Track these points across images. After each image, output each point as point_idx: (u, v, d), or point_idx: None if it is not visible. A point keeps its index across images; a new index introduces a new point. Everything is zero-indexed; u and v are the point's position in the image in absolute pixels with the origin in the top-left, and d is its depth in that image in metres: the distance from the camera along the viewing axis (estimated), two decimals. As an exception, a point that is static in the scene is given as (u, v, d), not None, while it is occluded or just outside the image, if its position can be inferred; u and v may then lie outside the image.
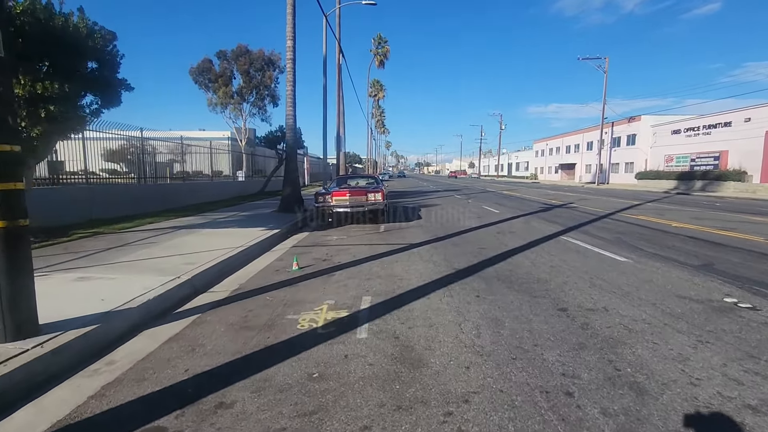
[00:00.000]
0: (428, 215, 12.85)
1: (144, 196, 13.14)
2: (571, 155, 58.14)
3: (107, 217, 10.54)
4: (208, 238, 8.16)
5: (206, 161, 20.12)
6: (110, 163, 14.85)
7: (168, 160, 18.86)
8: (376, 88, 70.67)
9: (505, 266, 5.99)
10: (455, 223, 10.99)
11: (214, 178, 20.62)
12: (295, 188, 13.43)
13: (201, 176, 20.09)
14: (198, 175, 20.42)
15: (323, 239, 8.80)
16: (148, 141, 13.39)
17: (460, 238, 8.57)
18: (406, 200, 19.59)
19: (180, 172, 19.48)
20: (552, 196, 22.58)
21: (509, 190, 29.81)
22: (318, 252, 7.38)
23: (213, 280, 5.59)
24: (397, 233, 9.33)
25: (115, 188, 12.02)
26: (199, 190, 17.03)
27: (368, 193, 10.40)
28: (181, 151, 15.68)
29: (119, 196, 11.81)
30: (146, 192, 13.56)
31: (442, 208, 15.41)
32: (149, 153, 14.98)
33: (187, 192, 15.91)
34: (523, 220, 11.52)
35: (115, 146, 13.58)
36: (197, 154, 19.25)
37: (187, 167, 20.11)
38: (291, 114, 13.20)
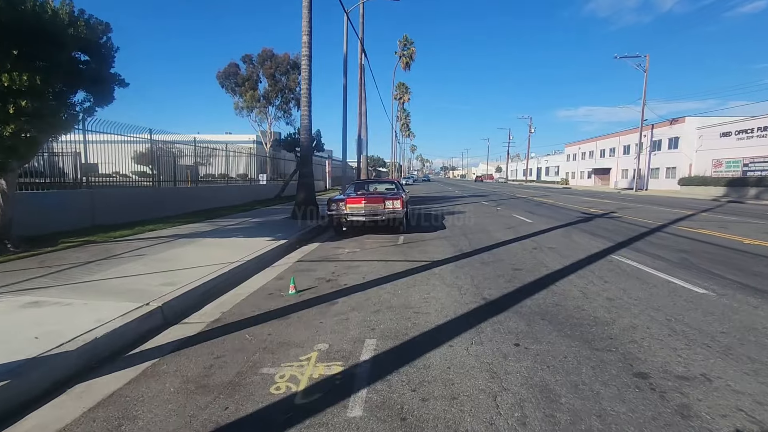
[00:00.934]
0: (453, 225, 11.68)
1: (160, 200, 12.71)
2: (606, 159, 55.21)
3: (113, 222, 9.96)
4: (206, 249, 7.33)
5: (228, 164, 19.72)
6: (140, 166, 14.66)
7: (192, 163, 18.57)
8: (402, 90, 69.76)
9: (548, 297, 4.79)
10: (484, 235, 9.79)
11: (230, 182, 20.14)
12: (309, 193, 12.57)
13: (225, 180, 19.72)
14: (222, 179, 20.09)
15: (333, 252, 7.82)
16: (157, 143, 12.84)
17: (489, 254, 7.39)
18: (430, 206, 18.43)
19: (205, 176, 19.21)
20: (588, 203, 20.86)
21: (540, 196, 28.08)
22: (324, 270, 6.39)
23: (192, 306, 4.67)
24: (418, 246, 8.23)
25: (124, 192, 11.49)
26: (215, 194, 16.50)
27: (386, 201, 9.36)
28: (195, 153, 15.13)
29: (131, 199, 11.27)
30: (163, 195, 13.12)
31: (468, 216, 14.18)
32: (168, 156, 14.57)
33: (202, 196, 15.38)
34: (562, 232, 10.17)
35: (143, 149, 13.38)
36: (219, 158, 18.89)
37: (211, 170, 19.86)
38: (306, 114, 12.36)
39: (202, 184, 17.28)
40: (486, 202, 21.64)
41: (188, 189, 15.13)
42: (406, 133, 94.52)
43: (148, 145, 13.06)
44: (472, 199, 23.95)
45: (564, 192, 36.82)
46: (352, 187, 11.73)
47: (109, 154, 11.16)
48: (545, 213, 15.11)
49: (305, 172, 12.63)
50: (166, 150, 14.35)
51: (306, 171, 12.62)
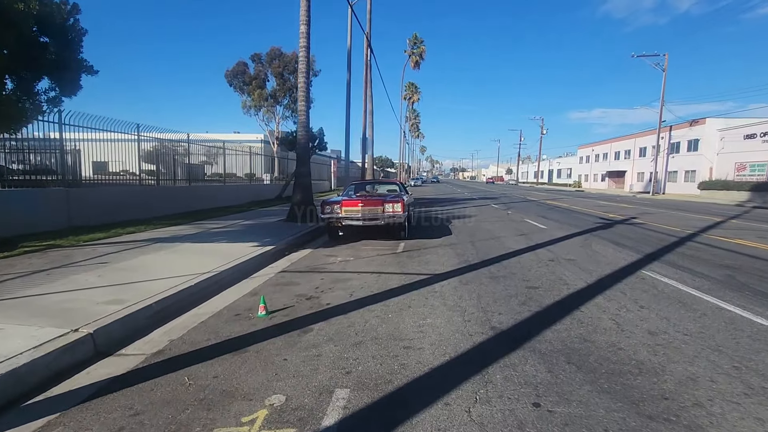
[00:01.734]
0: (460, 230, 10.76)
1: (149, 199, 12.09)
2: (621, 162, 53.58)
3: (93, 224, 9.27)
4: (180, 257, 6.54)
5: (234, 163, 19.14)
6: (149, 164, 14.16)
7: (198, 162, 18.09)
8: (411, 90, 68.84)
9: (572, 327, 3.87)
10: (493, 242, 8.85)
11: (233, 181, 19.46)
12: (306, 194, 11.75)
13: (232, 179, 19.18)
14: (229, 178, 19.55)
15: (324, 261, 6.97)
16: (148, 140, 12.14)
17: (500, 266, 6.47)
18: (437, 209, 17.50)
19: (213, 174, 18.74)
20: (605, 207, 19.72)
21: (553, 199, 26.93)
22: (308, 283, 5.54)
23: (138, 331, 3.86)
24: (419, 256, 7.34)
25: (108, 190, 10.80)
26: (210, 193, 15.81)
27: (385, 204, 8.49)
28: (188, 151, 14.44)
29: (115, 199, 10.57)
30: (153, 195, 12.52)
31: (477, 220, 13.23)
32: (167, 154, 13.99)
33: (198, 195, 14.73)
34: (580, 240, 9.18)
35: (150, 147, 12.99)
36: (225, 157, 18.31)
37: (218, 169, 19.31)
38: (303, 110, 11.55)
39: (205, 183, 16.65)
40: (496, 205, 20.63)
41: (183, 188, 14.45)
42: (415, 133, 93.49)
43: (151, 144, 12.68)
44: (481, 202, 22.95)
45: (577, 195, 35.55)
46: (352, 188, 10.89)
47: (115, 153, 11.07)
48: (560, 218, 14.08)
49: (302, 171, 11.82)
50: (167, 148, 13.83)
51: (303, 170, 11.81)
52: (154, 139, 12.74)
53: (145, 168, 13.06)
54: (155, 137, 12.58)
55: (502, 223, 12.33)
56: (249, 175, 22.27)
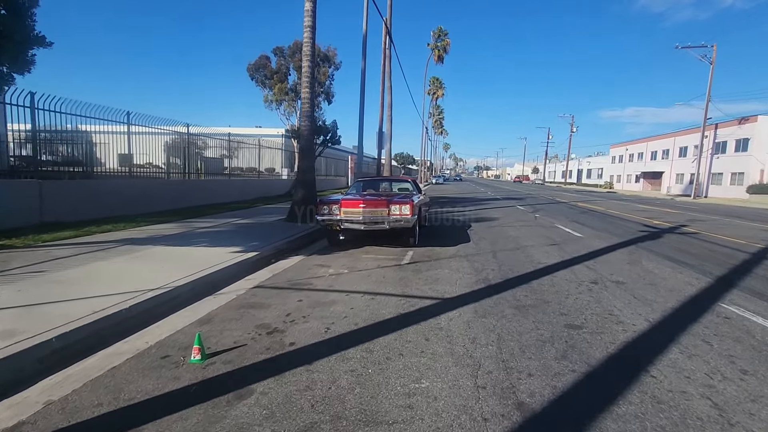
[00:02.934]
0: (480, 236, 9.37)
1: (159, 193, 11.71)
2: (658, 162, 50.26)
3: (71, 220, 8.42)
4: (140, 264, 5.49)
5: (254, 157, 18.70)
6: (171, 157, 13.96)
7: (218, 155, 17.82)
8: (435, 85, 67.00)
9: (648, 412, 2.50)
10: (519, 253, 7.44)
11: (241, 175, 18.63)
12: (309, 191, 10.60)
13: (253, 173, 18.93)
14: (251, 172, 19.31)
15: (311, 274, 5.77)
16: (132, 131, 11.27)
17: (527, 289, 5.10)
18: (456, 210, 16.07)
19: (235, 168, 18.31)
20: (645, 212, 17.78)
21: (585, 201, 24.93)
22: (279, 307, 4.34)
23: (14, 383, 2.75)
24: (427, 270, 6.05)
25: (91, 184, 9.98)
26: (218, 188, 15.00)
27: (391, 205, 7.22)
28: (187, 142, 13.56)
29: (98, 191, 9.73)
30: (164, 188, 12.18)
31: (500, 225, 11.77)
32: (177, 146, 13.46)
33: (201, 189, 14.02)
34: (626, 254, 7.65)
35: (157, 140, 12.49)
36: (245, 151, 17.89)
37: (238, 163, 19.02)
38: (307, 98, 10.39)
39: (214, 178, 15.87)
40: (521, 206, 18.97)
41: (191, 182, 13.70)
42: (438, 130, 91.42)
43: (172, 137, 12.58)
44: (505, 203, 21.30)
45: (610, 197, 33.17)
46: (359, 186, 9.66)
47: (142, 145, 11.50)
48: (596, 224, 12.42)
49: (305, 165, 10.67)
50: (177, 141, 13.35)
51: (306, 165, 10.66)
52: (154, 132, 11.92)
53: (150, 161, 12.53)
54: (151, 130, 11.73)
55: (529, 229, 10.83)
56: (269, 170, 21.56)
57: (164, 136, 12.56)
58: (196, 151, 15.77)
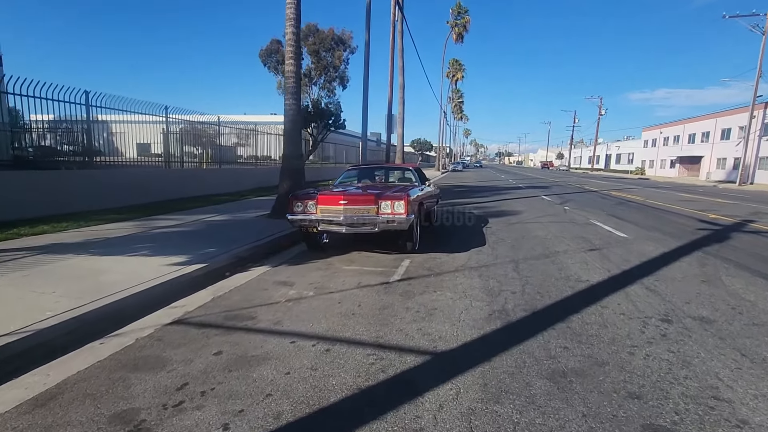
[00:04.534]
0: (499, 237, 7.63)
1: (154, 183, 11.12)
2: (696, 146, 46.49)
3: (19, 217, 7.26)
4: (27, 285, 4.07)
5: (267, 145, 18.34)
6: (187, 146, 14.17)
7: (231, 143, 17.47)
8: (455, 67, 64.05)
9: None
10: (549, 263, 5.70)
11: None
12: (296, 182, 9.04)
13: (262, 162, 18.38)
14: (264, 160, 18.90)
15: (262, 300, 4.22)
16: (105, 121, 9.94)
17: (567, 333, 3.40)
18: (473, 201, 14.25)
19: (249, 157, 17.83)
20: (693, 202, 15.51)
21: (618, 189, 22.56)
22: (177, 369, 2.81)
23: None
24: (423, 292, 4.41)
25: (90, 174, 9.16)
26: (209, 178, 13.80)
27: (380, 201, 5.58)
28: (190, 131, 12.42)
29: (60, 184, 8.56)
30: (160, 178, 11.60)
31: (523, 220, 9.96)
32: (174, 135, 12.63)
33: (200, 180, 13.23)
34: (693, 265, 5.79)
35: (161, 129, 12.07)
36: (258, 139, 17.50)
37: (251, 151, 18.70)
38: (291, 72, 8.75)
39: (208, 167, 14.76)
40: (547, 196, 16.93)
41: (181, 171, 12.70)
42: (458, 115, 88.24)
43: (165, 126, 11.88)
44: (528, 192, 19.25)
45: (644, 184, 30.43)
46: (349, 175, 8.03)
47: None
48: (640, 219, 10.42)
49: (291, 152, 9.08)
50: (188, 130, 13.03)
51: (291, 151, 9.07)
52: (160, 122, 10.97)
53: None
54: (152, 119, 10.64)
55: (559, 226, 8.99)
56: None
57: (160, 125, 11.64)
58: (205, 140, 14.98)
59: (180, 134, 13.06)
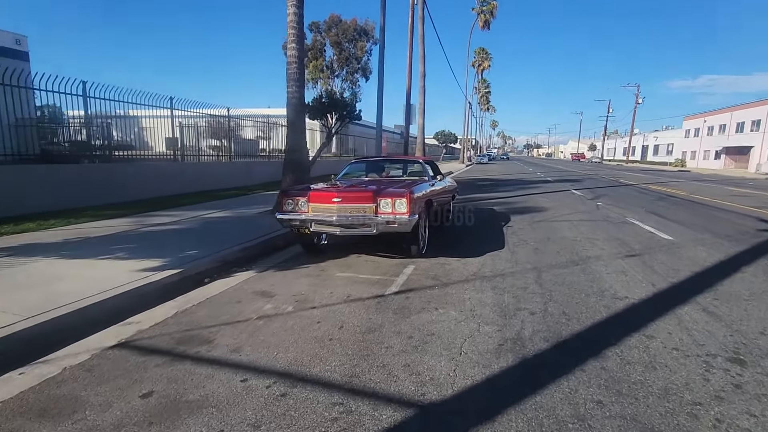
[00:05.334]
0: (520, 238, 6.75)
1: (163, 178, 10.86)
2: (746, 135, 43.00)
3: (15, 213, 7.03)
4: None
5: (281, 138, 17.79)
6: (214, 140, 14.53)
7: (254, 137, 17.38)
8: (481, 56, 61.93)
9: None
10: (578, 272, 4.82)
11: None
12: (300, 176, 8.40)
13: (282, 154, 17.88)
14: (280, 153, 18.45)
15: (230, 316, 3.60)
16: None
17: (603, 378, 2.59)
18: (495, 196, 13.27)
19: (273, 150, 17.61)
20: (745, 198, 13.93)
21: (657, 183, 20.85)
22: (82, 422, 2.20)
23: None
24: (422, 310, 3.67)
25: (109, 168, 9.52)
26: (223, 171, 13.59)
27: (379, 198, 4.84)
28: (177, 124, 12.00)
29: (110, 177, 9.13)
30: (170, 172, 11.35)
31: (550, 219, 8.98)
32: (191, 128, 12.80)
33: (210, 174, 13.01)
34: (762, 278, 4.77)
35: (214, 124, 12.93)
36: (279, 131, 16.75)
37: (273, 145, 18.55)
38: (294, 57, 8.07)
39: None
40: (578, 191, 15.68)
41: (197, 165, 12.77)
42: (485, 106, 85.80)
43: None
44: (557, 186, 17.99)
45: (686, 177, 28.22)
46: (353, 168, 7.32)
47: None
48: (686, 218, 9.22)
49: (294, 143, 8.44)
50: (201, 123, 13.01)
51: (295, 142, 8.43)
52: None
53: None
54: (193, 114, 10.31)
55: (590, 225, 7.98)
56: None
57: (176, 119, 11.76)
58: (226, 133, 15.03)
59: (196, 128, 13.08)
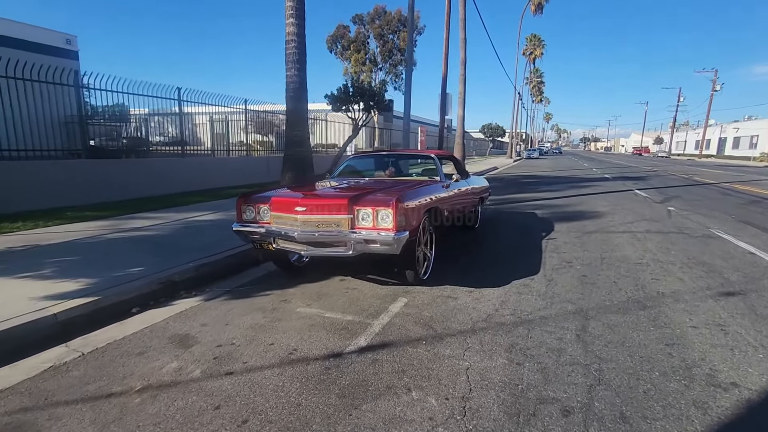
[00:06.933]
0: (563, 259, 5.15)
1: (178, 173, 10.49)
2: None
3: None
4: None
5: (329, 133, 18.22)
6: (259, 135, 14.87)
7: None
8: (533, 43, 58.05)
9: None
10: (648, 329, 3.24)
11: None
12: (301, 174, 7.31)
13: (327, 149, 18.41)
14: (330, 148, 18.91)
15: (109, 381, 2.48)
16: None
17: None
18: (540, 197, 11.42)
19: (316, 145, 17.29)
20: None
21: (743, 182, 17.61)
22: None
23: None
24: (388, 391, 2.35)
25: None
26: (250, 166, 13.17)
27: (357, 208, 3.54)
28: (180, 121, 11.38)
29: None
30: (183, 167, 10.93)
31: (604, 229, 7.17)
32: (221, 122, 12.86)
33: (251, 167, 12.87)
34: None
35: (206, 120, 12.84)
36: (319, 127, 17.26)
37: (317, 140, 18.55)
38: (292, 34, 6.93)
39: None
40: (642, 191, 13.30)
41: (226, 160, 12.47)
42: (537, 97, 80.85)
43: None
44: (616, 185, 15.58)
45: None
46: (350, 166, 6.04)
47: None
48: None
49: (294, 135, 7.32)
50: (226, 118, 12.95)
51: (295, 134, 7.30)
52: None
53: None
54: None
55: (661, 240, 6.14)
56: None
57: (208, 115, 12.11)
58: (268, 128, 15.50)
59: (226, 123, 12.98)
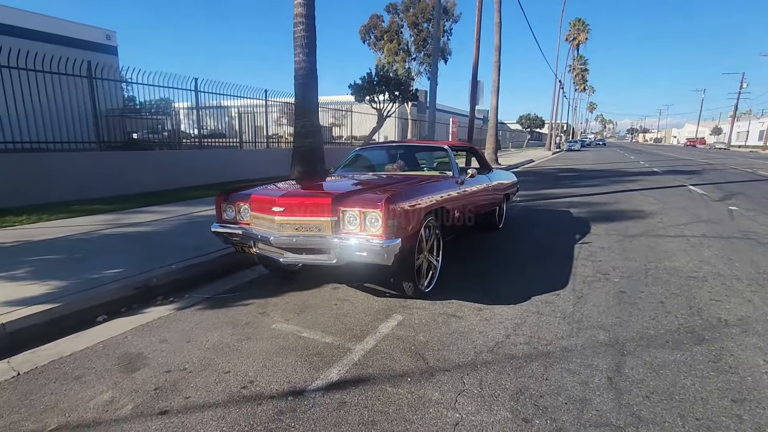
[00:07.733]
0: (597, 270, 4.38)
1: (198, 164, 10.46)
2: None
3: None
4: None
5: (360, 125, 18.12)
6: (283, 127, 15.13)
7: (330, 124, 18.24)
8: (577, 28, 54.74)
9: None
10: (705, 371, 2.50)
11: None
12: (310, 167, 6.84)
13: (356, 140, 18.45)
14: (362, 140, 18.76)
15: (32, 412, 2.09)
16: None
17: None
18: (578, 192, 10.39)
19: (341, 137, 18.27)
20: None
21: (816, 176, 15.49)
22: None
23: None
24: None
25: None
26: (272, 158, 12.88)
27: (342, 208, 2.99)
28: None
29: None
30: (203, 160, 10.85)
31: (651, 232, 6.22)
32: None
33: (262, 160, 12.52)
34: None
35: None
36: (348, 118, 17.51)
37: (345, 131, 19.43)
38: (302, 14, 6.41)
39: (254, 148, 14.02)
40: (697, 187, 11.87)
41: (254, 152, 12.51)
42: (581, 86, 76.43)
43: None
44: (667, 179, 14.08)
45: None
46: (354, 159, 5.45)
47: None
48: None
49: (303, 126, 6.83)
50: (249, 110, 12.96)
51: (305, 125, 6.82)
52: None
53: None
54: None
55: (721, 246, 5.17)
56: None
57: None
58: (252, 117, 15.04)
59: (251, 115, 12.88)
